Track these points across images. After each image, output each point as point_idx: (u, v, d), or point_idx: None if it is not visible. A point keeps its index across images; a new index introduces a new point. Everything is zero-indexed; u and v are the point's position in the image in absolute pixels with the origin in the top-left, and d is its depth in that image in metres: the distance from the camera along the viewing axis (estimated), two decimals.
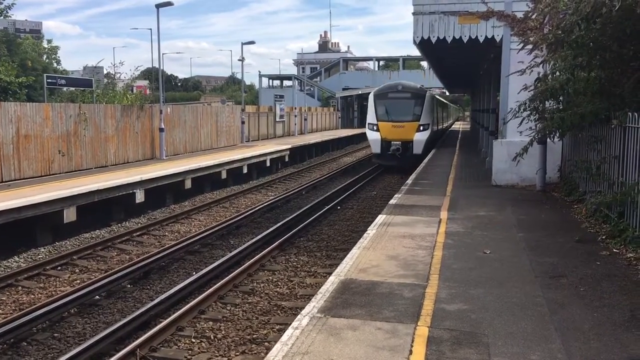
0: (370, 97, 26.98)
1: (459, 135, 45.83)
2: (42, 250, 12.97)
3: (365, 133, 28.09)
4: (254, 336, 7.90)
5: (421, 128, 25.44)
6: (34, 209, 12.78)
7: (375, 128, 26.01)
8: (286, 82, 76.27)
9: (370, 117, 26.47)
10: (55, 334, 8.24)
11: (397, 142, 25.28)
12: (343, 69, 75.87)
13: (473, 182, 16.26)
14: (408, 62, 73.16)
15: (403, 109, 25.64)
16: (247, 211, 16.49)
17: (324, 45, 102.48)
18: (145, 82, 60.05)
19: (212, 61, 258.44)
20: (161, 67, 27.20)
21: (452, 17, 16.09)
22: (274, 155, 27.31)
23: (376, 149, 26.20)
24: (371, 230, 10.03)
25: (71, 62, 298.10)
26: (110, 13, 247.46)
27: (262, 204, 17.74)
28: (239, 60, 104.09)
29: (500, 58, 15.75)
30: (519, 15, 14.09)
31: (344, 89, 62.65)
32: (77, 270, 11.47)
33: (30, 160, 16.84)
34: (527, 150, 11.92)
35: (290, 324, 5.90)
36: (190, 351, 7.51)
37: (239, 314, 8.80)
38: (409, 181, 16.58)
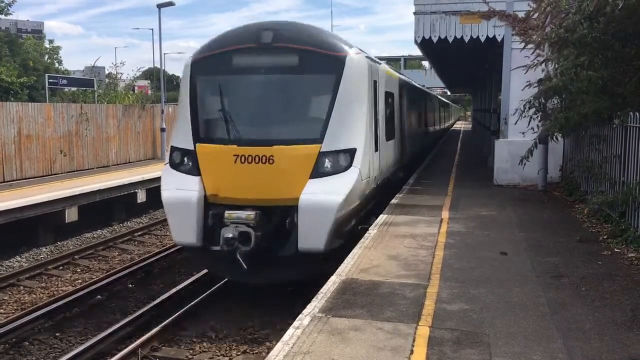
0: (185, 70, 9.94)
1: (460, 135, 45.80)
2: (44, 250, 13.00)
3: None
4: (255, 336, 7.90)
5: (327, 165, 9.02)
6: (35, 208, 12.80)
7: (186, 165, 9.42)
8: None
9: (181, 131, 9.63)
10: (57, 334, 8.25)
11: (246, 214, 8.65)
12: None
13: (474, 181, 16.23)
14: (409, 62, 73.04)
15: (272, 103, 9.51)
16: None
17: None
18: (146, 82, 60.07)
19: None
20: (162, 67, 27.24)
21: (454, 17, 16.05)
22: None
23: (186, 233, 9.01)
24: (372, 230, 10.01)
25: (73, 62, 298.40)
26: (112, 13, 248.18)
27: None
28: None
29: (501, 57, 15.74)
30: (521, 14, 14.07)
31: None
32: (78, 270, 11.48)
33: (32, 160, 16.86)
34: (532, 152, 11.92)
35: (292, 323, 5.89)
36: (191, 350, 7.52)
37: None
38: (411, 180, 16.57)
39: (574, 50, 9.80)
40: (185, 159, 9.28)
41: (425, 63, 64.54)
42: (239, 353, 7.41)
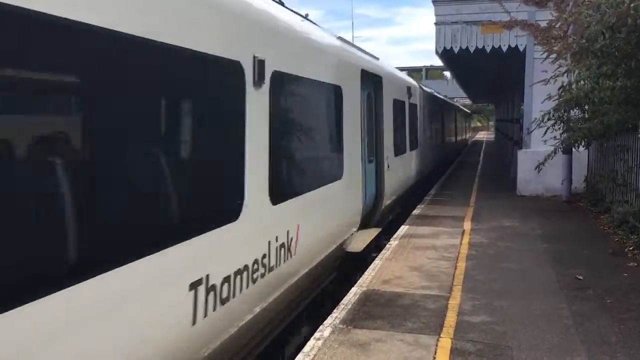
0: None
1: (483, 146, 45.47)
2: None
3: None
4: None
5: None
6: None
7: None
8: None
9: None
10: None
11: None
12: None
13: (497, 192, 16.10)
14: (431, 72, 73.05)
15: None
16: None
17: None
18: None
19: None
20: None
21: (475, 27, 16.01)
22: None
23: None
24: (393, 241, 10.00)
25: None
26: None
27: None
28: None
29: (524, 67, 15.65)
30: (543, 24, 13.99)
31: None
32: None
33: None
34: (549, 158, 11.80)
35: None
36: None
37: None
38: (432, 191, 16.51)
39: (595, 61, 9.71)
40: None
41: (447, 73, 64.43)
42: None
